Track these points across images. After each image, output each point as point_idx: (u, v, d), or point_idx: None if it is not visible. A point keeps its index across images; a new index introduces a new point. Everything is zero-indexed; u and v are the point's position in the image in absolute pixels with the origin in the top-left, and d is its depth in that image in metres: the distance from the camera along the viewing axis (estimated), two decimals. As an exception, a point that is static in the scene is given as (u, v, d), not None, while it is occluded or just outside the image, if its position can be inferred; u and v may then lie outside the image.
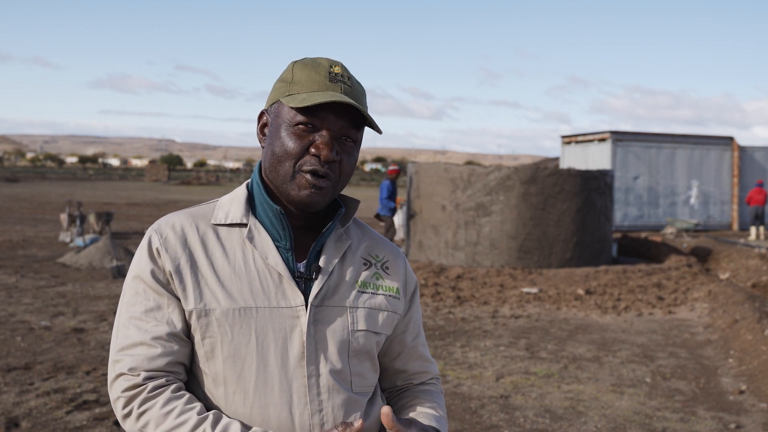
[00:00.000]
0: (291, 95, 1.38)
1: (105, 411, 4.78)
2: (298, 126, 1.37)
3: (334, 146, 1.38)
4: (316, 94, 1.35)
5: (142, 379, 1.32)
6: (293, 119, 1.38)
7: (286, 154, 1.37)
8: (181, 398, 1.32)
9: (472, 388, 5.65)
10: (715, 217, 22.32)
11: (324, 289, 1.42)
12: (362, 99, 1.43)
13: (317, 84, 1.38)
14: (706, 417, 5.11)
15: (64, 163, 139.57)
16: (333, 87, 1.38)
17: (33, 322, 7.42)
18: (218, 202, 1.49)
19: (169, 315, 1.37)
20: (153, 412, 1.29)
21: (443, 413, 1.55)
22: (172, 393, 1.32)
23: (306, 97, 1.35)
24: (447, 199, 12.57)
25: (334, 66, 1.40)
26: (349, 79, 1.41)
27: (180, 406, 1.30)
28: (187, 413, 1.29)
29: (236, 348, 1.36)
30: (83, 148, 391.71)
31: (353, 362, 1.43)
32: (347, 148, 1.41)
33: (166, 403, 1.30)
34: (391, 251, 1.57)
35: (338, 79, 1.39)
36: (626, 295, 9.98)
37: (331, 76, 1.39)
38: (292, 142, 1.37)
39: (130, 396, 1.32)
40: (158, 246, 1.39)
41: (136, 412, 1.31)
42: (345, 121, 1.38)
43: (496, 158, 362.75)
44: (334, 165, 1.39)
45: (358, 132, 1.42)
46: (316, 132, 1.38)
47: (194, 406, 1.31)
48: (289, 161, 1.37)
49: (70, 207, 16.59)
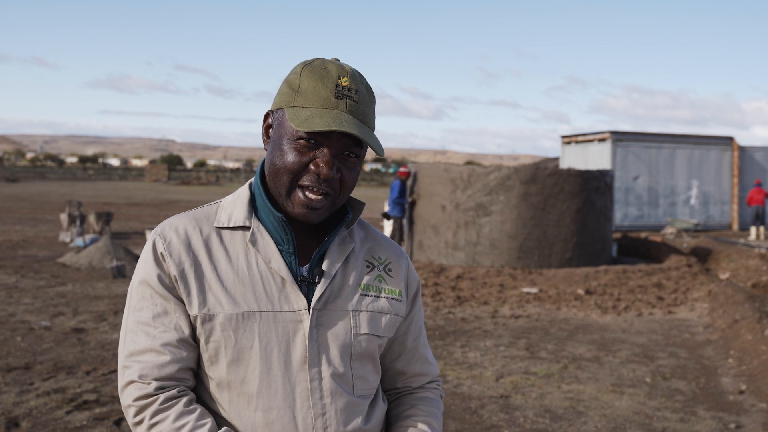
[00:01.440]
0: (295, 108, 1.36)
1: (105, 411, 4.78)
2: (299, 141, 1.36)
3: (335, 164, 1.36)
4: (319, 115, 1.32)
5: (154, 389, 1.33)
6: (295, 134, 1.36)
7: (286, 168, 1.37)
8: (193, 413, 1.33)
9: (472, 388, 5.65)
10: (715, 217, 22.32)
11: (327, 293, 1.42)
12: (369, 111, 1.40)
13: (322, 100, 1.34)
14: (706, 417, 5.11)
15: (64, 163, 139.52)
16: (338, 104, 1.34)
17: (33, 322, 7.42)
18: (221, 203, 1.49)
19: (176, 320, 1.37)
20: (164, 426, 1.31)
21: (438, 424, 1.55)
22: (184, 407, 1.33)
23: (309, 116, 1.33)
24: (447, 199, 12.58)
25: (343, 77, 1.36)
26: (356, 93, 1.37)
27: (192, 422, 1.31)
28: (198, 429, 1.31)
29: (240, 352, 1.36)
30: (83, 148, 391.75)
31: (355, 365, 1.43)
32: (349, 164, 1.39)
33: (177, 418, 1.31)
34: (393, 252, 1.57)
35: (345, 95, 1.35)
36: (626, 295, 9.98)
37: (338, 90, 1.35)
38: (292, 157, 1.36)
39: (142, 405, 1.33)
40: (162, 250, 1.39)
41: (147, 422, 1.32)
42: (348, 139, 1.37)
43: (496, 158, 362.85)
44: (334, 181, 1.37)
45: (361, 148, 1.40)
46: (317, 149, 1.36)
47: (206, 422, 1.32)
48: (288, 176, 1.37)
49: (70, 207, 16.59)
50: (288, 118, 1.35)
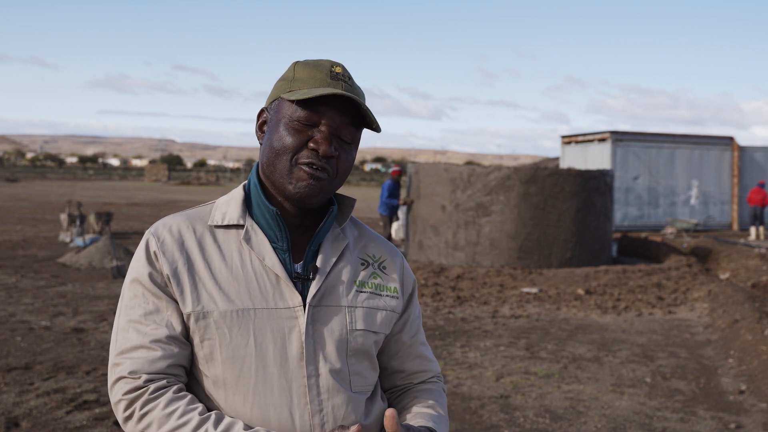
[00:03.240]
0: (292, 91, 1.40)
1: (105, 411, 4.78)
2: (297, 121, 1.39)
3: (333, 142, 1.39)
4: (317, 90, 1.37)
5: (143, 381, 1.32)
6: (293, 114, 1.39)
7: (285, 148, 1.38)
8: (183, 399, 1.32)
9: (472, 388, 5.65)
10: (715, 217, 22.32)
11: (322, 290, 1.43)
12: (362, 100, 1.44)
13: (318, 81, 1.39)
14: (706, 417, 5.11)
15: (64, 163, 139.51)
16: (334, 84, 1.39)
17: (33, 322, 7.42)
18: (215, 203, 1.50)
19: (168, 318, 1.37)
20: (155, 414, 1.30)
21: (443, 411, 1.55)
22: (174, 394, 1.33)
23: (307, 92, 1.37)
24: (447, 199, 12.58)
25: (335, 66, 1.42)
26: (350, 79, 1.43)
27: (182, 406, 1.31)
28: (189, 414, 1.30)
29: (235, 350, 1.36)
30: (83, 148, 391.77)
31: (351, 362, 1.43)
32: (345, 146, 1.42)
33: (168, 404, 1.30)
34: (388, 250, 1.57)
35: (339, 78, 1.41)
36: (626, 295, 9.98)
37: (333, 74, 1.40)
38: (290, 136, 1.38)
39: (132, 398, 1.32)
40: (155, 249, 1.39)
41: (138, 413, 1.31)
42: (345, 118, 1.40)
43: (496, 158, 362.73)
44: (332, 161, 1.40)
45: (357, 131, 1.43)
46: (315, 128, 1.39)
47: (196, 407, 1.32)
48: (287, 155, 1.38)
49: (70, 207, 16.59)
50: (286, 99, 1.39)
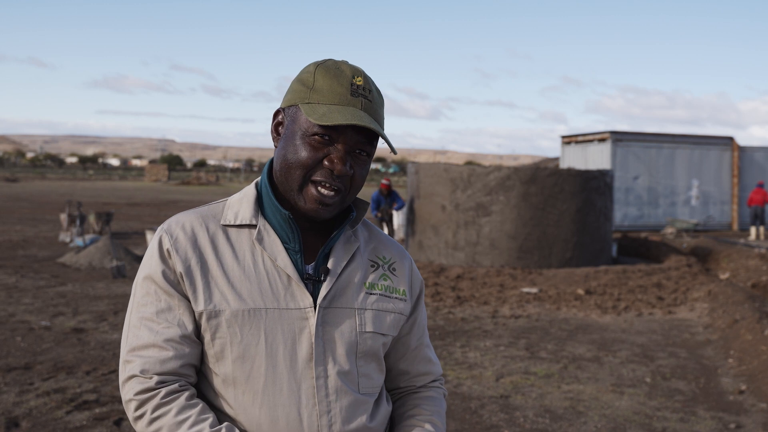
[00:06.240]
0: (311, 104, 1.37)
1: (105, 411, 4.78)
2: (314, 137, 1.36)
3: (348, 160, 1.38)
4: (336, 111, 1.34)
5: (155, 383, 1.33)
6: (310, 129, 1.36)
7: (299, 163, 1.37)
8: (195, 407, 1.33)
9: (472, 388, 5.65)
10: (715, 217, 22.33)
11: (332, 291, 1.43)
12: (381, 111, 1.42)
13: (338, 97, 1.36)
14: (706, 417, 5.11)
15: (64, 163, 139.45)
16: (354, 102, 1.37)
17: (33, 322, 7.42)
18: (227, 201, 1.49)
19: (180, 316, 1.37)
20: (166, 420, 1.31)
21: (441, 423, 1.55)
22: (186, 401, 1.33)
23: (326, 111, 1.34)
24: (447, 199, 12.58)
25: (357, 77, 1.39)
26: (370, 92, 1.39)
27: (194, 416, 1.31)
28: (200, 424, 1.31)
29: (245, 349, 1.36)
30: (83, 148, 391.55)
31: (360, 363, 1.44)
32: (360, 161, 1.41)
33: (179, 412, 1.31)
34: (397, 252, 1.58)
35: (359, 93, 1.37)
36: (626, 295, 9.98)
37: (353, 89, 1.37)
38: (306, 152, 1.37)
39: (143, 399, 1.32)
40: (169, 247, 1.39)
41: (149, 416, 1.32)
42: (361, 136, 1.38)
43: (495, 158, 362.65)
44: (346, 178, 1.39)
45: (372, 146, 1.42)
46: (331, 145, 1.37)
47: (207, 417, 1.33)
48: (301, 171, 1.37)
49: (70, 207, 16.59)
50: (304, 113, 1.36)
